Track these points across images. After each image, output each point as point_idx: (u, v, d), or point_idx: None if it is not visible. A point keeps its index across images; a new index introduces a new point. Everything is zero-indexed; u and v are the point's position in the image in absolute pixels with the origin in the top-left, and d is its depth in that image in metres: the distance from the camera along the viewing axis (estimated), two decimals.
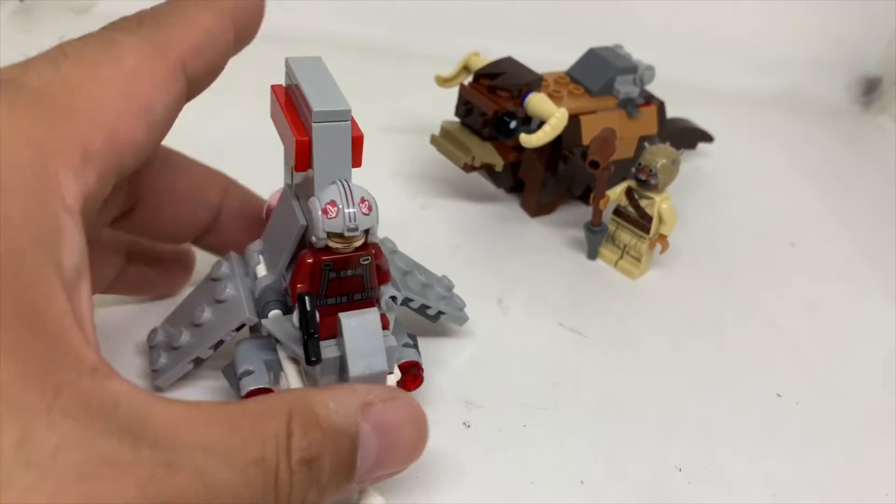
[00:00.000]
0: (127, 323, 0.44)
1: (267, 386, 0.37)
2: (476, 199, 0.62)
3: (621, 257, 0.56)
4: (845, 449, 0.45)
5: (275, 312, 0.37)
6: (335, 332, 0.35)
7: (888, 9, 0.85)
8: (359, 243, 0.35)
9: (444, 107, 0.64)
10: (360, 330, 0.35)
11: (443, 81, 0.61)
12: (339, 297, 0.36)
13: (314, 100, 0.33)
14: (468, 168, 0.55)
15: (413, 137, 0.69)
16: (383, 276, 0.37)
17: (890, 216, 0.70)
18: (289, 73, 0.36)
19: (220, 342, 0.39)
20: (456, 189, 0.63)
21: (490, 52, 0.80)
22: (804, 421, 0.47)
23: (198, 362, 0.40)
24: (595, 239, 0.56)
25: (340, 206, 0.33)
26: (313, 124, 0.33)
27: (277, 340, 0.37)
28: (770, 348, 0.52)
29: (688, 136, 0.70)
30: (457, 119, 0.58)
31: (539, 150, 0.55)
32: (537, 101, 0.53)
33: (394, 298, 0.41)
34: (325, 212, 0.33)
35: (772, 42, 0.89)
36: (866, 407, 0.48)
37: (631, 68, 0.58)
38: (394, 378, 0.39)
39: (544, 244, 0.58)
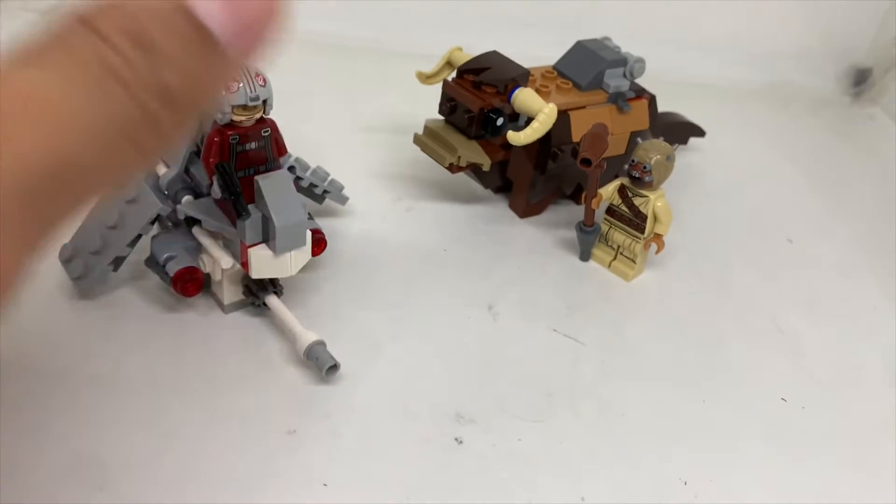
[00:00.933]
0: None
1: (193, 265, 0.42)
2: (463, 200, 0.60)
3: (615, 258, 0.54)
4: (854, 454, 0.43)
5: (187, 198, 0.42)
6: (252, 199, 0.40)
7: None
8: (259, 114, 0.39)
9: (426, 105, 0.61)
10: (276, 186, 0.39)
11: (425, 78, 0.59)
12: (246, 170, 0.40)
13: None
14: (454, 168, 0.53)
15: (395, 137, 0.66)
16: (281, 149, 0.42)
17: (885, 208, 0.68)
18: None
19: (138, 237, 0.43)
20: (441, 190, 0.60)
21: (473, 49, 0.77)
22: (811, 426, 0.45)
23: (117, 262, 0.44)
24: (588, 240, 0.53)
25: (240, 81, 0.37)
26: None
27: (194, 222, 0.43)
28: (771, 350, 0.50)
29: (679, 130, 0.68)
30: (441, 117, 0.55)
31: (527, 148, 0.53)
32: (525, 97, 0.51)
33: (292, 168, 0.49)
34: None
35: (759, 35, 0.87)
36: (872, 409, 0.47)
37: (620, 61, 0.56)
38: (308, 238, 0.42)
39: (535, 246, 0.56)
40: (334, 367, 0.41)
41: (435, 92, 0.57)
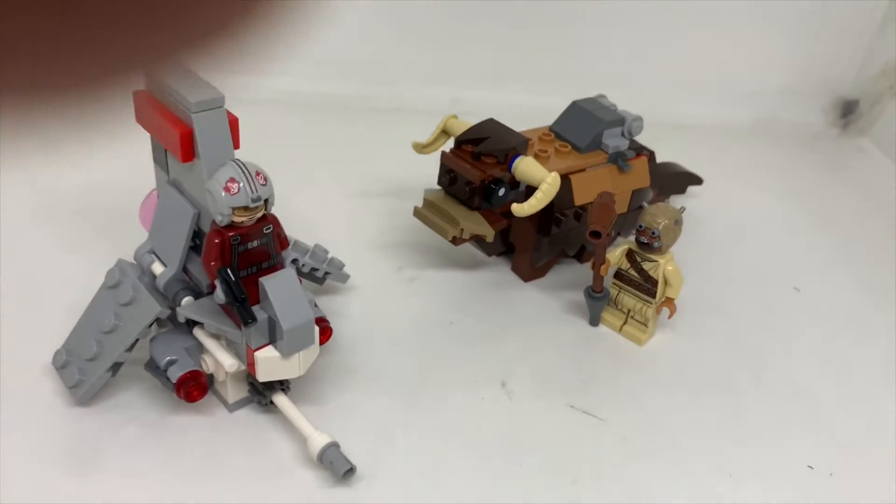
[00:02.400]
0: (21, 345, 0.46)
1: (195, 369, 0.40)
2: (464, 266, 0.58)
3: (626, 322, 0.52)
4: None
5: (187, 299, 0.40)
6: (257, 299, 0.38)
7: (859, 30, 0.83)
8: (260, 214, 0.38)
9: (418, 167, 0.60)
10: (282, 288, 0.38)
11: (421, 148, 0.58)
12: (248, 269, 0.39)
13: (188, 92, 0.36)
14: (457, 241, 0.52)
15: (389, 202, 0.65)
16: (283, 242, 0.40)
17: (885, 245, 0.68)
18: (148, 76, 0.38)
19: (136, 342, 0.41)
20: (441, 257, 0.59)
21: (462, 101, 0.77)
22: (842, 495, 0.43)
23: (115, 368, 0.42)
24: (597, 306, 0.52)
25: (240, 182, 0.36)
26: (193, 115, 0.36)
27: (194, 323, 0.41)
28: (791, 412, 0.49)
29: (677, 180, 0.67)
30: (437, 187, 0.54)
31: (530, 215, 0.52)
32: (526, 166, 0.50)
33: (295, 261, 0.48)
34: (227, 189, 0.36)
35: (744, 72, 0.87)
36: None
37: (618, 121, 0.55)
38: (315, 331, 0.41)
39: (542, 312, 0.54)
40: (350, 470, 0.39)
41: (427, 156, 0.56)
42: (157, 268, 0.41)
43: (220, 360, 0.40)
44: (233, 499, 0.39)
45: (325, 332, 0.44)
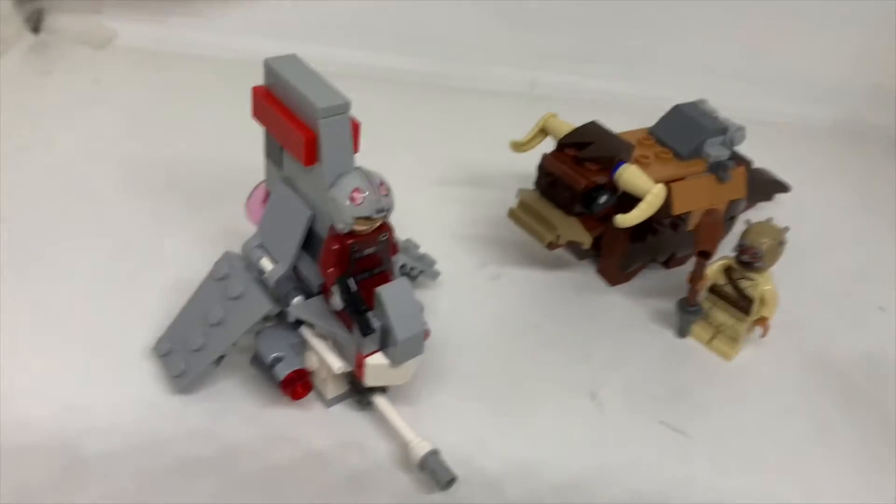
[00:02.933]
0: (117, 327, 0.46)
1: (302, 367, 0.41)
2: (548, 265, 0.58)
3: (714, 336, 0.52)
4: None
5: (298, 298, 0.40)
6: (371, 306, 0.38)
7: None
8: (379, 223, 0.37)
9: (498, 152, 0.59)
10: (398, 298, 0.38)
11: (518, 147, 0.57)
12: (361, 274, 0.39)
13: (314, 96, 0.36)
14: (552, 246, 0.51)
15: (471, 191, 0.64)
16: (395, 248, 0.40)
17: None
18: (270, 73, 0.38)
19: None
20: (525, 254, 0.58)
21: (540, 84, 0.75)
22: None
23: (219, 360, 0.42)
24: (689, 319, 0.51)
25: (366, 192, 0.36)
26: (320, 120, 0.35)
27: (300, 322, 0.41)
28: (881, 444, 0.48)
29: (765, 188, 0.66)
30: (531, 187, 0.53)
31: None
32: (630, 175, 0.49)
33: (403, 266, 0.48)
34: (352, 199, 0.36)
35: (826, 67, 0.84)
36: None
37: (721, 129, 0.54)
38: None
39: (630, 320, 0.54)
40: (452, 480, 0.39)
41: (506, 136, 0.54)
42: (267, 264, 0.41)
43: (330, 362, 0.40)
44: (329, 497, 0.39)
45: (425, 335, 0.44)
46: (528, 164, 0.53)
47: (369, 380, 0.40)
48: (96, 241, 0.52)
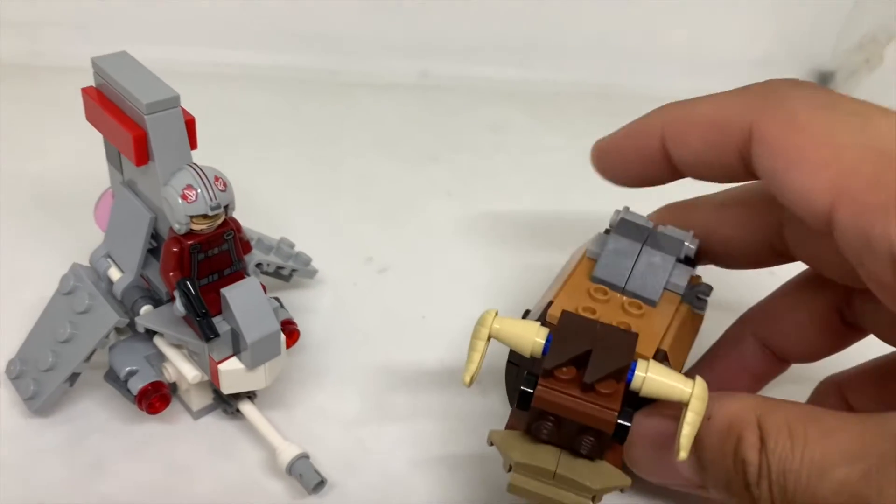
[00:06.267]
0: None
1: (157, 379, 0.39)
2: (437, 257, 0.57)
3: None
4: None
5: (146, 308, 0.38)
6: (219, 310, 0.37)
7: (835, 1, 0.82)
8: (220, 220, 0.36)
9: (389, 147, 0.58)
10: (245, 299, 0.36)
11: (471, 377, 0.34)
12: (210, 276, 0.37)
13: (140, 92, 0.34)
14: None
15: (356, 185, 0.62)
16: (245, 247, 0.38)
17: None
18: (98, 73, 0.36)
19: (94, 351, 0.39)
20: (413, 246, 0.57)
21: (430, 75, 0.74)
22: None
23: (73, 378, 0.40)
24: None
25: (198, 189, 0.34)
26: (146, 116, 0.34)
27: (154, 333, 0.39)
28: None
29: None
30: (509, 430, 0.36)
31: None
32: (654, 382, 0.33)
33: (259, 265, 0.45)
34: (184, 197, 0.34)
35: (717, 43, 0.85)
36: None
37: (676, 248, 0.40)
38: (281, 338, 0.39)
39: None
40: (321, 483, 0.38)
41: (405, 116, 0.53)
42: (114, 273, 0.40)
43: (183, 371, 0.38)
44: None
45: (293, 335, 0.42)
46: (437, 150, 0.50)
47: (226, 386, 0.38)
48: None
